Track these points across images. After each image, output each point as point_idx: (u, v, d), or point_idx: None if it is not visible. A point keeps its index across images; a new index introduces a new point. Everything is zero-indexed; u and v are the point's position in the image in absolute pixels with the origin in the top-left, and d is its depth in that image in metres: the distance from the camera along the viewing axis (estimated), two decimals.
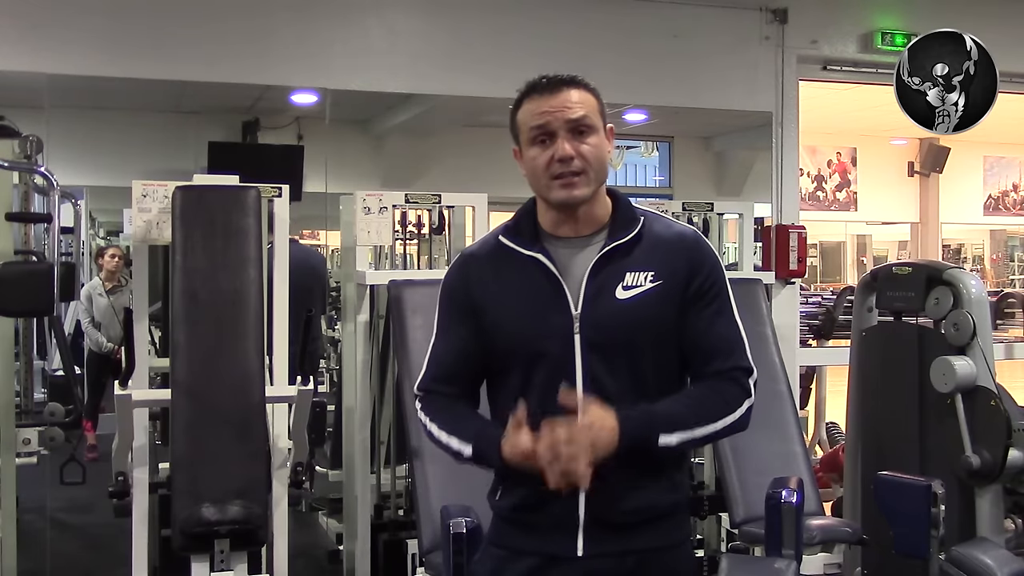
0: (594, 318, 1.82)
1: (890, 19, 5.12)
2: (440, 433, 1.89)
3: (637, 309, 1.83)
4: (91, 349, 6.50)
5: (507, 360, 1.88)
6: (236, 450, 3.07)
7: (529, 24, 4.63)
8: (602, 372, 1.82)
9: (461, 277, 1.94)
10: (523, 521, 1.88)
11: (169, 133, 5.50)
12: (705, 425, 1.83)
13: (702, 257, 1.89)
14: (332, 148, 5.19)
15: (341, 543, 4.58)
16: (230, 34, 4.28)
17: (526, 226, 1.90)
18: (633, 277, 1.84)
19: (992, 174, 12.40)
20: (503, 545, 1.93)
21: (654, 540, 1.87)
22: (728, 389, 1.87)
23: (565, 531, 1.84)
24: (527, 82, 1.87)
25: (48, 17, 4.07)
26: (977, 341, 3.46)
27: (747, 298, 4.23)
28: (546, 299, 1.84)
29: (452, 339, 1.93)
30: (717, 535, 4.42)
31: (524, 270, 1.87)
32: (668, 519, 1.90)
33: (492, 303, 1.88)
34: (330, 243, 6.98)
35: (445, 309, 1.96)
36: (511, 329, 1.86)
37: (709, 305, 1.87)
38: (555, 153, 1.81)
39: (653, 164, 7.36)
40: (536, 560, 1.87)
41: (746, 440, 3.88)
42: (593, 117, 1.84)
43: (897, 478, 2.83)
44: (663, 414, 1.81)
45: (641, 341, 1.84)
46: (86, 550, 5.04)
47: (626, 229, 1.87)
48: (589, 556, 1.83)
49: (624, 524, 1.84)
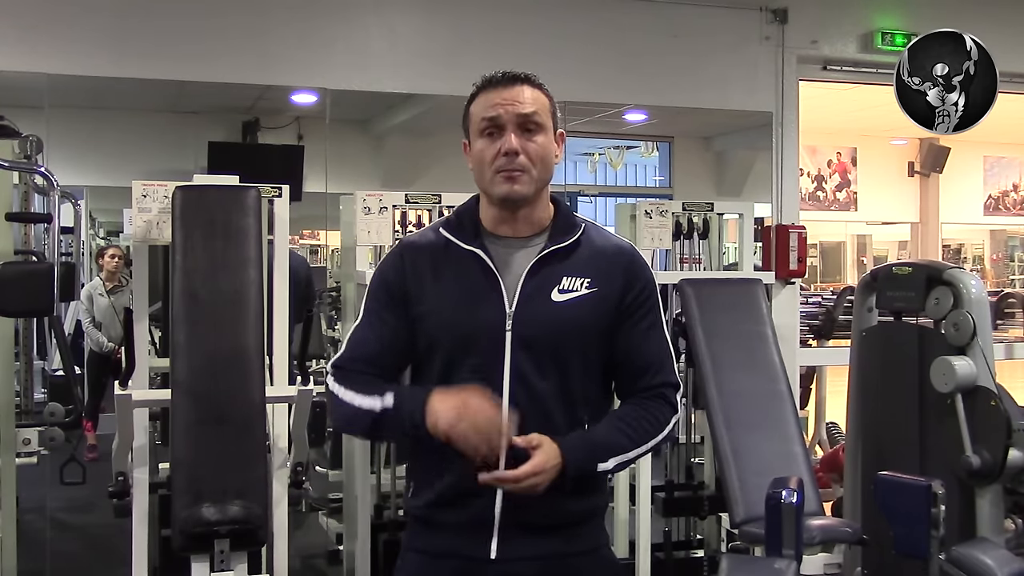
0: (528, 317, 1.83)
1: (890, 19, 5.12)
2: (352, 396, 1.85)
3: (571, 312, 1.85)
4: (91, 349, 6.50)
5: (434, 351, 1.87)
6: (236, 450, 3.06)
7: (529, 24, 4.63)
8: (530, 371, 1.83)
9: (397, 265, 1.94)
10: (438, 520, 1.88)
11: (169, 133, 5.50)
12: (638, 447, 1.88)
13: (637, 271, 1.92)
14: (332, 148, 5.18)
15: (341, 543, 4.58)
16: (230, 34, 4.29)
17: (467, 221, 1.92)
18: (570, 281, 1.86)
19: (992, 174, 12.40)
20: (417, 548, 1.93)
21: (568, 545, 1.88)
22: (658, 408, 1.91)
23: (479, 531, 1.84)
24: (483, 76, 1.90)
25: (48, 17, 4.07)
26: (977, 341, 3.46)
27: (747, 298, 4.24)
28: (482, 294, 1.85)
29: (377, 325, 1.92)
30: (717, 535, 4.43)
31: (462, 263, 1.88)
32: (583, 524, 1.91)
33: (427, 293, 1.89)
34: (330, 243, 6.98)
35: (376, 294, 1.96)
36: (443, 320, 1.86)
37: (642, 320, 1.91)
38: (502, 146, 1.83)
39: (653, 164, 7.37)
40: (450, 566, 1.86)
41: (746, 440, 3.91)
42: (543, 116, 1.86)
43: (897, 478, 2.83)
44: (602, 443, 1.85)
45: (571, 344, 1.85)
46: (86, 550, 5.04)
47: (566, 234, 1.89)
48: (502, 560, 1.83)
49: (539, 527, 1.84)
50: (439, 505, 1.87)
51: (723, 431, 3.81)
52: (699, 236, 4.63)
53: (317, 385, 3.54)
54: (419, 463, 1.94)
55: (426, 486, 1.88)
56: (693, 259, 4.69)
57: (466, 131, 1.92)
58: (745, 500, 3.65)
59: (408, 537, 1.98)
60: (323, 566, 4.77)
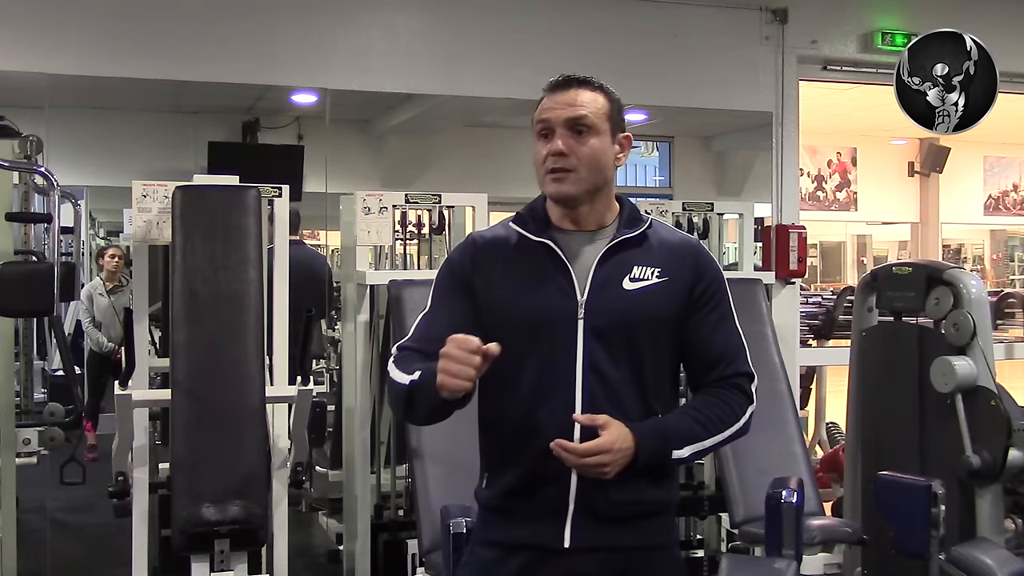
0: (600, 306, 1.84)
1: (890, 19, 5.12)
2: (396, 374, 1.85)
3: (643, 301, 1.86)
4: (91, 349, 6.50)
5: (505, 340, 1.83)
6: (236, 450, 3.07)
7: (529, 24, 4.63)
8: (602, 359, 1.83)
9: (467, 255, 1.95)
10: (511, 509, 1.88)
11: (169, 133, 5.51)
12: (714, 435, 1.89)
13: (706, 264, 1.94)
14: (332, 148, 5.19)
15: (341, 543, 4.58)
16: (230, 34, 4.28)
17: (537, 216, 1.93)
18: (640, 271, 1.88)
19: (992, 174, 12.39)
20: (489, 541, 1.92)
21: (641, 538, 1.87)
22: (733, 397, 1.92)
23: (553, 519, 1.83)
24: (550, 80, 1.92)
25: (48, 17, 4.07)
26: (977, 341, 3.46)
27: (747, 298, 4.23)
28: (553, 283, 1.86)
29: (445, 312, 1.92)
30: (717, 535, 4.42)
31: (533, 254, 1.89)
32: (656, 517, 1.90)
33: (497, 284, 1.89)
34: (330, 243, 6.99)
35: (444, 283, 1.96)
36: (515, 308, 1.87)
37: (712, 311, 1.92)
38: (550, 148, 1.85)
39: (653, 164, 7.36)
40: (521, 559, 1.86)
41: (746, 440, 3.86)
42: (595, 119, 1.87)
43: (897, 478, 2.84)
44: (675, 430, 1.85)
45: (643, 332, 1.86)
46: (86, 550, 5.04)
47: (633, 227, 1.91)
48: (576, 550, 1.83)
49: (612, 516, 1.84)
50: (512, 493, 1.87)
51: None
52: (699, 236, 4.63)
53: (317, 385, 3.55)
54: (492, 452, 1.94)
55: (499, 476, 1.89)
56: None
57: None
58: (745, 500, 3.65)
59: (479, 529, 1.97)
60: (323, 566, 4.77)
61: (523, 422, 1.84)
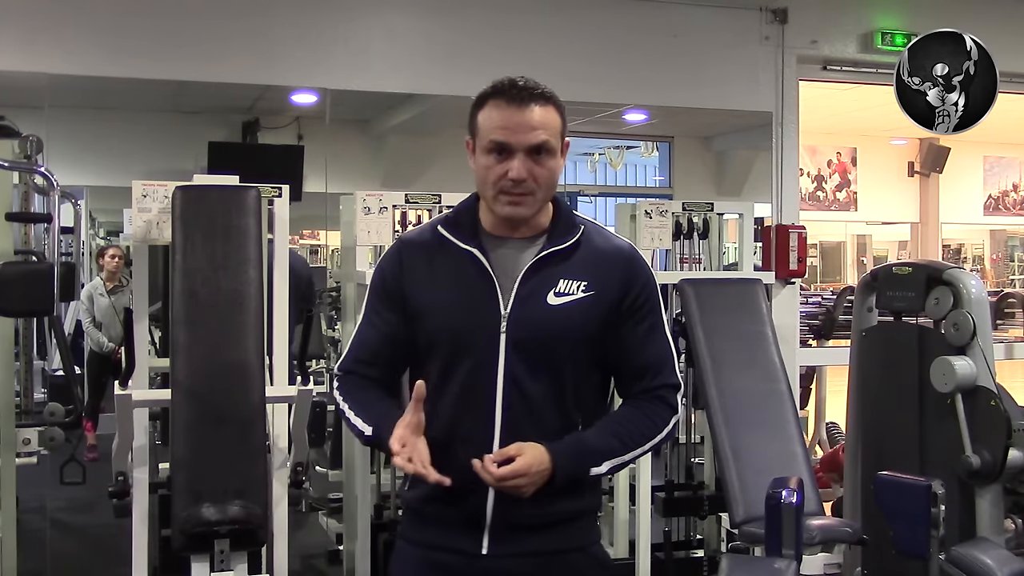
0: (522, 320, 1.83)
1: (890, 19, 5.12)
2: (350, 413, 1.91)
3: (566, 316, 1.84)
4: (92, 349, 6.50)
5: (432, 351, 1.88)
6: (236, 450, 3.06)
7: (529, 24, 4.63)
8: (522, 373, 1.83)
9: (395, 263, 1.94)
10: (432, 514, 1.89)
11: (169, 133, 5.50)
12: (633, 450, 1.88)
13: (637, 272, 1.90)
14: (332, 148, 5.19)
15: (341, 543, 4.58)
16: (230, 34, 4.29)
17: (466, 220, 1.91)
18: (566, 284, 1.85)
19: (992, 174, 12.38)
20: (411, 539, 1.95)
21: (560, 542, 1.88)
22: (655, 409, 1.90)
23: (472, 527, 1.85)
24: (494, 82, 1.86)
25: (48, 17, 4.07)
26: (977, 341, 3.46)
27: (747, 298, 4.24)
28: (477, 295, 1.85)
29: (379, 323, 1.94)
30: (717, 535, 4.42)
31: (458, 263, 1.87)
32: (574, 522, 1.91)
33: (423, 292, 1.89)
34: (330, 243, 6.98)
35: (376, 293, 1.97)
36: (439, 320, 1.87)
37: (642, 321, 1.90)
38: (508, 171, 1.80)
39: (653, 164, 7.37)
40: (442, 556, 1.88)
41: (746, 440, 3.91)
42: (553, 140, 1.83)
43: (897, 478, 2.84)
44: (593, 447, 1.84)
45: (564, 348, 1.85)
46: (86, 550, 5.04)
47: (565, 236, 1.88)
48: (493, 555, 1.85)
49: (530, 526, 1.85)
50: (433, 499, 1.87)
51: (723, 431, 3.81)
52: (699, 236, 4.63)
53: (317, 385, 3.54)
54: None
55: (422, 480, 1.88)
56: (693, 259, 4.69)
57: (471, 133, 1.89)
58: (745, 500, 3.65)
59: (403, 527, 2.00)
60: (323, 566, 4.77)
61: (445, 435, 1.84)
